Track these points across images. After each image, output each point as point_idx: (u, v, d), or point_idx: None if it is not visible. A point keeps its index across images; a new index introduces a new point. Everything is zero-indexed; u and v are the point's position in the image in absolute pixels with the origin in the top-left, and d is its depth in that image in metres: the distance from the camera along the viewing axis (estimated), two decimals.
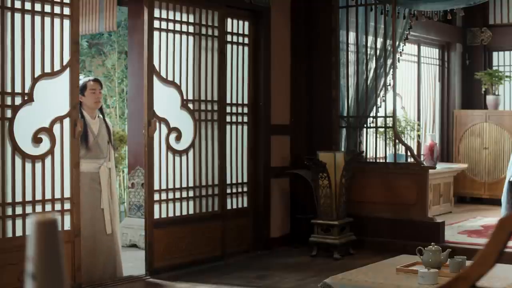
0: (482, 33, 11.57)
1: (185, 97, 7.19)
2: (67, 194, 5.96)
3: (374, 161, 8.73)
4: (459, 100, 11.66)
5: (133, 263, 7.09)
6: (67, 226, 5.95)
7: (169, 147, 7.02)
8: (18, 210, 5.63)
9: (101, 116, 6.49)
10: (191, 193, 7.28)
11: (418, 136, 10.81)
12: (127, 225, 8.16)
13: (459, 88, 11.67)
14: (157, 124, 6.87)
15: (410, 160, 8.35)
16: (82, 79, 6.45)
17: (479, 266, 1.75)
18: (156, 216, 6.88)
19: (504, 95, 11.41)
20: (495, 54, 11.70)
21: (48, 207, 5.83)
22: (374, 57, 8.41)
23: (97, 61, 10.38)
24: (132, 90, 8.18)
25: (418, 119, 11.05)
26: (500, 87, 11.18)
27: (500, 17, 11.50)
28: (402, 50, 8.80)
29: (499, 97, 11.17)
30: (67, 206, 5.95)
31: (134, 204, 8.22)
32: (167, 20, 7.03)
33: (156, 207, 6.88)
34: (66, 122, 5.98)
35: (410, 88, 10.97)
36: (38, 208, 5.77)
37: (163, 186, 6.98)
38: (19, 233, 5.61)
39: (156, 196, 6.89)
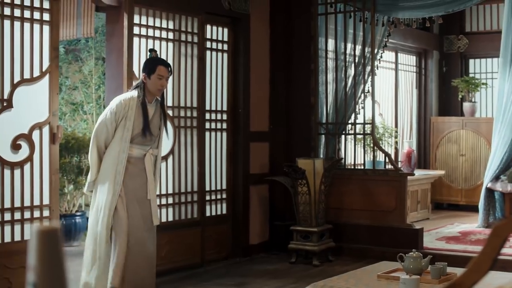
0: (459, 41, 11.66)
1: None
2: (46, 201, 5.91)
3: (353, 167, 8.75)
4: (436, 107, 11.75)
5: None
6: None
7: None
8: None
9: (159, 98, 5.83)
10: (170, 200, 7.25)
11: (396, 142, 10.86)
12: None
13: (436, 95, 11.75)
14: None
15: (389, 166, 8.37)
16: (154, 57, 5.80)
17: (473, 273, 1.75)
18: None
19: (481, 102, 11.51)
20: (471, 61, 11.80)
21: (27, 214, 5.78)
22: (352, 64, 8.43)
23: (74, 67, 10.33)
24: (109, 97, 8.11)
25: (396, 125, 11.10)
26: (476, 94, 11.28)
27: (477, 25, 11.60)
28: (381, 57, 8.83)
29: (476, 104, 11.27)
30: (46, 213, 5.91)
31: None
32: (147, 26, 7.00)
33: None
34: (46, 128, 5.94)
35: (387, 95, 11.02)
36: (17, 215, 5.72)
37: None
38: None
39: None
